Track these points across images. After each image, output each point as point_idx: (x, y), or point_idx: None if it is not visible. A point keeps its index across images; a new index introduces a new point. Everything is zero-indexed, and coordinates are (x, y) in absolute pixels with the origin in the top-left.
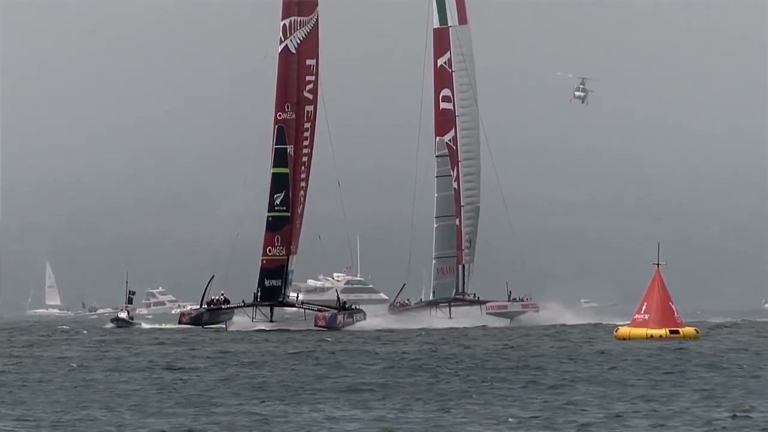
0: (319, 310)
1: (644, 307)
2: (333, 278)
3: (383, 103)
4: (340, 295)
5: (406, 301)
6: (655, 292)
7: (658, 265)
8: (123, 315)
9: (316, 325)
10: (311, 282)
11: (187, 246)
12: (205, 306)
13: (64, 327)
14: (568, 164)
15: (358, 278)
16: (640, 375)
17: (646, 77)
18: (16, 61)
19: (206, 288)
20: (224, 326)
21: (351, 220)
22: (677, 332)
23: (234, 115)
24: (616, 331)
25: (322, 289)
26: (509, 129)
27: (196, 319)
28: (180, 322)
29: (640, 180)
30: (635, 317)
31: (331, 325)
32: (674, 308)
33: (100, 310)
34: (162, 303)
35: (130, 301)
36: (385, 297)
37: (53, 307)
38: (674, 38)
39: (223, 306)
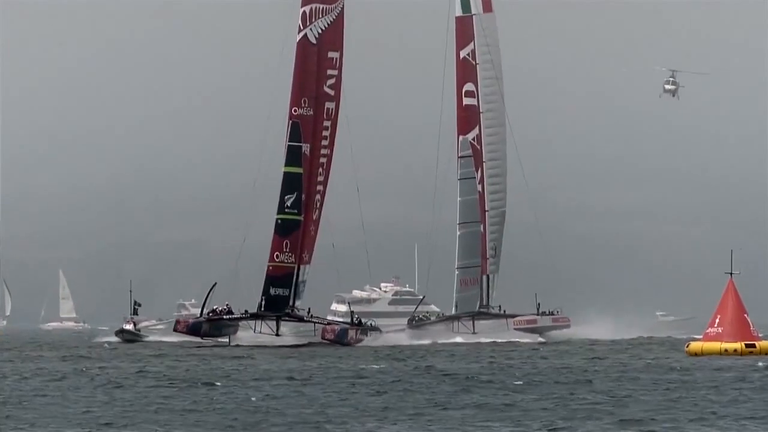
0: (329, 324)
1: (717, 320)
2: (380, 289)
3: (402, 99)
4: (353, 311)
5: (426, 315)
6: (729, 303)
7: (731, 274)
8: (128, 327)
9: (323, 338)
10: (357, 293)
11: (224, 254)
12: (206, 315)
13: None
14: (600, 165)
15: (407, 288)
16: None
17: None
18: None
19: (207, 296)
20: (227, 340)
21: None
22: (753, 346)
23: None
24: (687, 347)
25: (368, 301)
26: (538, 127)
27: (194, 329)
28: (175, 330)
29: (706, 184)
30: (707, 331)
31: (341, 340)
32: (750, 321)
33: (144, 323)
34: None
35: (135, 312)
36: (437, 309)
37: (68, 319)
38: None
39: (225, 317)
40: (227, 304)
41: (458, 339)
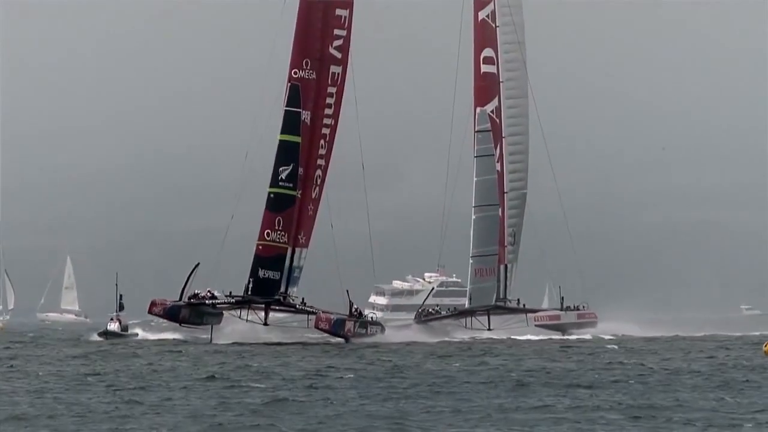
0: (323, 312)
1: None
2: (424, 279)
3: (414, 67)
4: (352, 300)
5: (435, 309)
6: None
7: None
8: (113, 327)
9: (316, 327)
10: (397, 284)
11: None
12: (186, 300)
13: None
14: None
15: (454, 279)
16: None
17: None
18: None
19: (189, 277)
20: (209, 336)
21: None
22: None
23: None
24: (766, 346)
25: (410, 292)
26: (565, 100)
27: (172, 313)
28: (150, 312)
29: None
30: None
31: (337, 332)
32: None
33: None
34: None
35: (121, 307)
36: None
37: (69, 311)
38: None
39: (207, 302)
40: (209, 291)
41: (471, 335)
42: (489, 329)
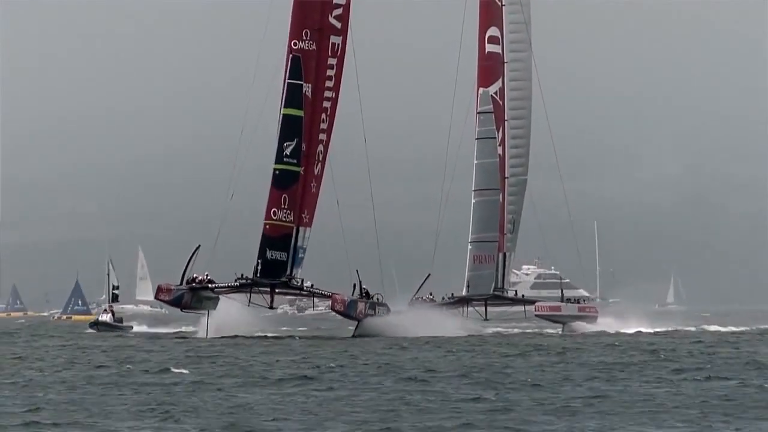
0: (335, 294)
1: None
2: (521, 271)
3: (416, 44)
4: (361, 280)
5: (429, 297)
6: None
7: None
8: (105, 318)
9: (332, 309)
10: None
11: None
12: (186, 284)
13: None
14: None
15: (552, 271)
16: None
17: None
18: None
19: (190, 260)
20: (205, 325)
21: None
22: None
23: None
24: None
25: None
26: (570, 83)
27: (177, 300)
28: (156, 297)
29: None
30: None
31: (350, 314)
32: None
33: None
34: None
35: (114, 298)
36: (585, 294)
37: (144, 302)
38: None
39: (210, 286)
40: (207, 275)
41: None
42: (485, 319)
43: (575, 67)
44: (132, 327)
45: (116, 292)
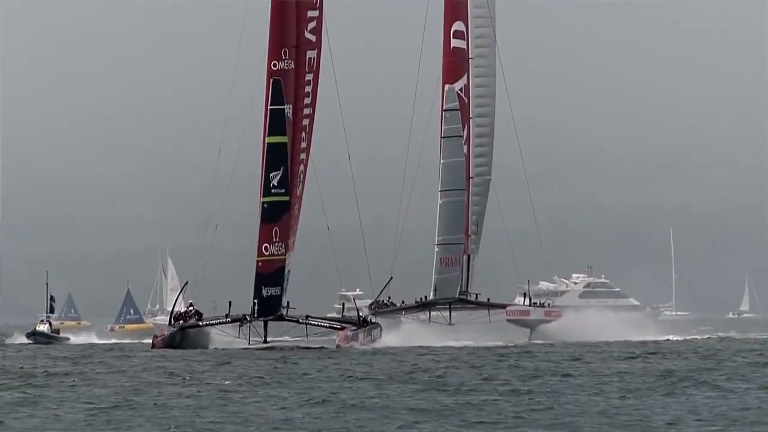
0: (331, 327)
1: None
2: (570, 280)
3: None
4: (358, 305)
5: (387, 300)
6: None
7: None
8: (42, 328)
9: (338, 347)
10: (544, 284)
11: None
12: (175, 322)
13: None
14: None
15: (602, 280)
16: None
17: None
18: None
19: (178, 297)
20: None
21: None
22: None
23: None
24: None
25: (556, 293)
26: (538, 77)
27: (169, 341)
28: (153, 348)
29: None
30: None
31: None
32: None
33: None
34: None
35: (51, 309)
36: (636, 302)
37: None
38: None
39: (201, 323)
40: (192, 305)
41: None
42: (450, 324)
43: (540, 63)
44: (69, 339)
45: (53, 303)
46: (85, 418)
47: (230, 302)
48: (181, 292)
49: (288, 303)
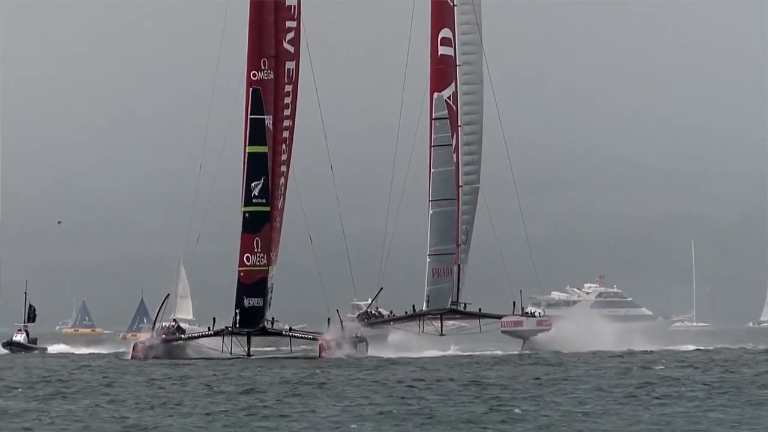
0: (314, 338)
1: None
2: (582, 290)
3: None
4: (341, 319)
5: (376, 311)
6: None
7: None
8: (18, 338)
9: (321, 356)
10: (555, 294)
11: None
12: (157, 335)
13: None
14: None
15: (614, 290)
16: None
17: None
18: None
19: (159, 310)
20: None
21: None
22: None
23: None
24: None
25: (567, 303)
26: (525, 83)
27: (150, 353)
28: (133, 357)
29: None
30: None
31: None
32: None
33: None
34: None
35: (31, 318)
36: (648, 312)
37: (183, 321)
38: None
39: (182, 337)
40: (173, 320)
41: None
42: (441, 335)
43: (527, 69)
44: (46, 349)
45: (33, 313)
46: None
47: (214, 318)
48: (162, 305)
49: (273, 318)
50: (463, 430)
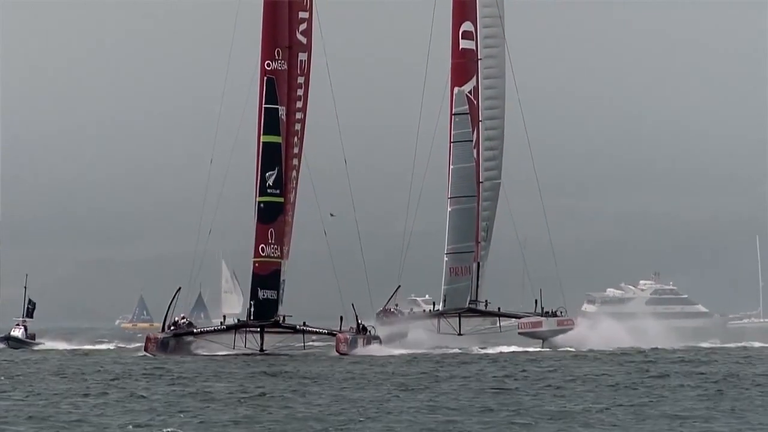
0: (330, 333)
1: None
2: (637, 287)
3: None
4: (357, 314)
5: (395, 309)
6: None
7: None
8: (16, 333)
9: (338, 351)
10: (611, 291)
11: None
12: (170, 329)
13: None
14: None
15: (670, 287)
16: None
17: None
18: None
19: (171, 303)
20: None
21: None
22: None
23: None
24: None
25: (621, 300)
26: (546, 78)
27: (163, 348)
28: (146, 350)
29: None
30: None
31: (351, 352)
32: None
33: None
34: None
35: (29, 313)
36: (704, 310)
37: (231, 316)
38: None
39: (194, 330)
40: (183, 317)
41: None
42: (459, 334)
43: (551, 64)
44: (43, 343)
45: (31, 308)
46: None
47: (224, 316)
48: (173, 299)
49: (284, 317)
50: None
